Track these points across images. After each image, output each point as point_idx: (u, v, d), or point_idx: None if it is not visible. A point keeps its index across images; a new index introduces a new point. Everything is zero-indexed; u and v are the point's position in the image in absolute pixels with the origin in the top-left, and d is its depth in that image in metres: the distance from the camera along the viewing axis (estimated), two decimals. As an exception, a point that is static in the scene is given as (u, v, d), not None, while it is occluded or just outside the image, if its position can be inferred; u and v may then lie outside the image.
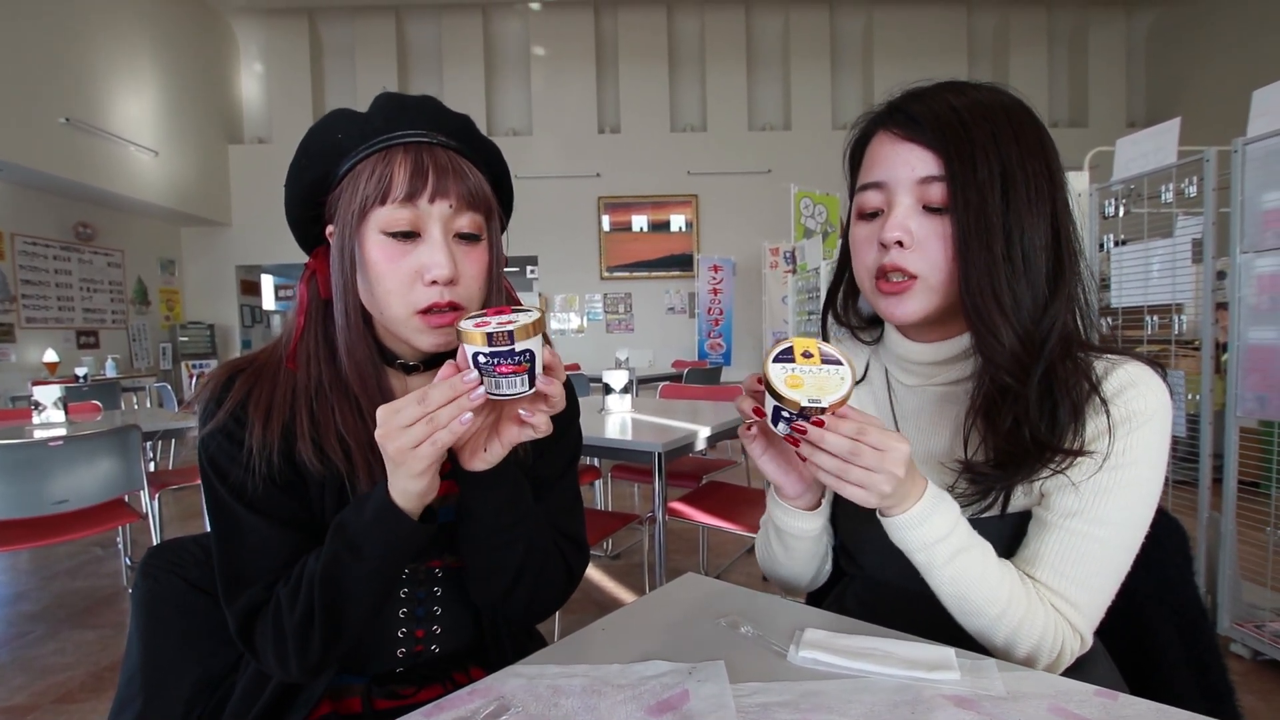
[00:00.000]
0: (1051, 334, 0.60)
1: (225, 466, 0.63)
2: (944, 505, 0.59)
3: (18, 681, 1.93)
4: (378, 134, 0.62)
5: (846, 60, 8.62)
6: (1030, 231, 0.59)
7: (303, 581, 0.60)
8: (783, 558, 0.74)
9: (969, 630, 0.61)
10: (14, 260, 5.84)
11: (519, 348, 0.53)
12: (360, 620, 0.61)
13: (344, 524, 0.60)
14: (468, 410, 0.54)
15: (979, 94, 0.63)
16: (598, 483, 2.97)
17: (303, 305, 0.67)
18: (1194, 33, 7.94)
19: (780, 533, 0.71)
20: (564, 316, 8.45)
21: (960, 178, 0.59)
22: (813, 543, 0.71)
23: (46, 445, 1.92)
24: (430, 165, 0.61)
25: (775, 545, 0.74)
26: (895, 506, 0.58)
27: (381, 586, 0.62)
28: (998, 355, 0.59)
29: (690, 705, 0.49)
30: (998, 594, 0.58)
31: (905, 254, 0.62)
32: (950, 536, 0.58)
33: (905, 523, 0.58)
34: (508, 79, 8.54)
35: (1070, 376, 0.60)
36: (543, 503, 0.72)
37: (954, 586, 0.59)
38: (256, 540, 0.62)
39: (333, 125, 0.64)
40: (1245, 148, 1.82)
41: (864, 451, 0.53)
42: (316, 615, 0.59)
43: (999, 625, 0.59)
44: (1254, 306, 1.83)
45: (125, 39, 6.45)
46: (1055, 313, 0.60)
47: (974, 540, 0.59)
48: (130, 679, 0.74)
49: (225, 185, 8.07)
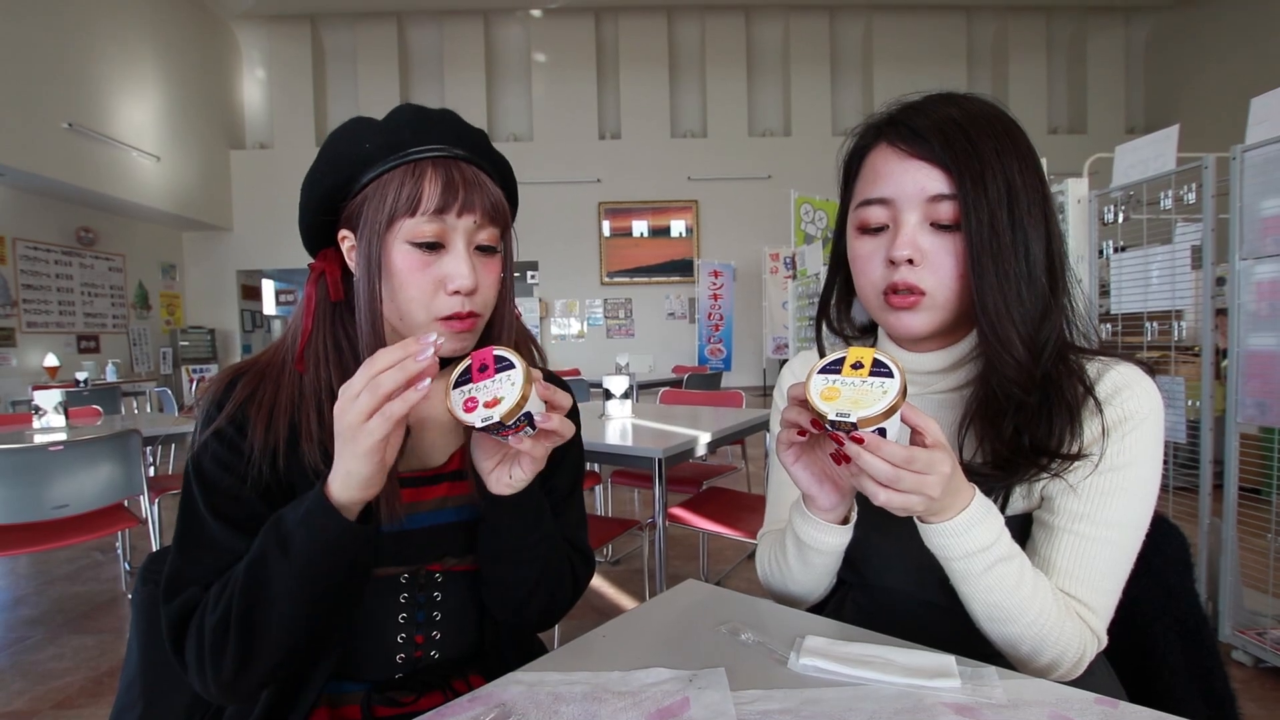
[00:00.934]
0: (1050, 342, 0.61)
1: (213, 475, 0.62)
2: (991, 514, 0.57)
3: (17, 686, 1.92)
4: (405, 146, 0.63)
5: (846, 66, 8.67)
6: (1033, 245, 0.60)
7: (230, 579, 0.58)
8: (799, 574, 0.71)
9: (993, 637, 0.60)
10: (15, 265, 5.85)
11: (510, 423, 0.55)
12: (283, 630, 0.56)
13: (281, 518, 0.58)
14: (414, 372, 0.53)
15: (972, 106, 0.63)
16: (598, 488, 2.96)
17: (310, 307, 0.67)
18: (1192, 40, 7.98)
19: (803, 547, 0.68)
20: (564, 322, 8.47)
21: (971, 196, 0.59)
22: (834, 558, 0.69)
23: (47, 450, 1.92)
24: (460, 181, 0.63)
25: (793, 560, 0.70)
26: (940, 513, 0.56)
27: (309, 592, 0.56)
28: (1008, 368, 0.60)
29: (691, 712, 0.49)
30: (1031, 603, 0.58)
31: (915, 271, 0.62)
32: (994, 546, 0.57)
33: (949, 530, 0.56)
34: (509, 85, 8.59)
35: (1064, 379, 0.61)
36: (556, 518, 0.74)
37: (989, 595, 0.58)
38: (209, 541, 0.61)
39: (357, 133, 0.65)
40: (1244, 155, 1.83)
41: (917, 456, 0.52)
42: (233, 616, 0.56)
43: (1028, 633, 0.58)
44: (1253, 313, 1.84)
45: (128, 44, 6.48)
46: (1054, 321, 0.61)
47: (1014, 549, 0.58)
48: (130, 685, 0.74)
49: (226, 190, 8.11)
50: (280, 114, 8.36)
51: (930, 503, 0.53)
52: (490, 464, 0.63)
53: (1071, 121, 8.80)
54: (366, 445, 0.53)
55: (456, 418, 0.55)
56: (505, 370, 0.56)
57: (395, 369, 0.53)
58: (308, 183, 0.67)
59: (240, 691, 0.59)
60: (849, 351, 0.55)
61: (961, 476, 0.56)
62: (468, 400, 0.55)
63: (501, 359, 0.57)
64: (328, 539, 0.56)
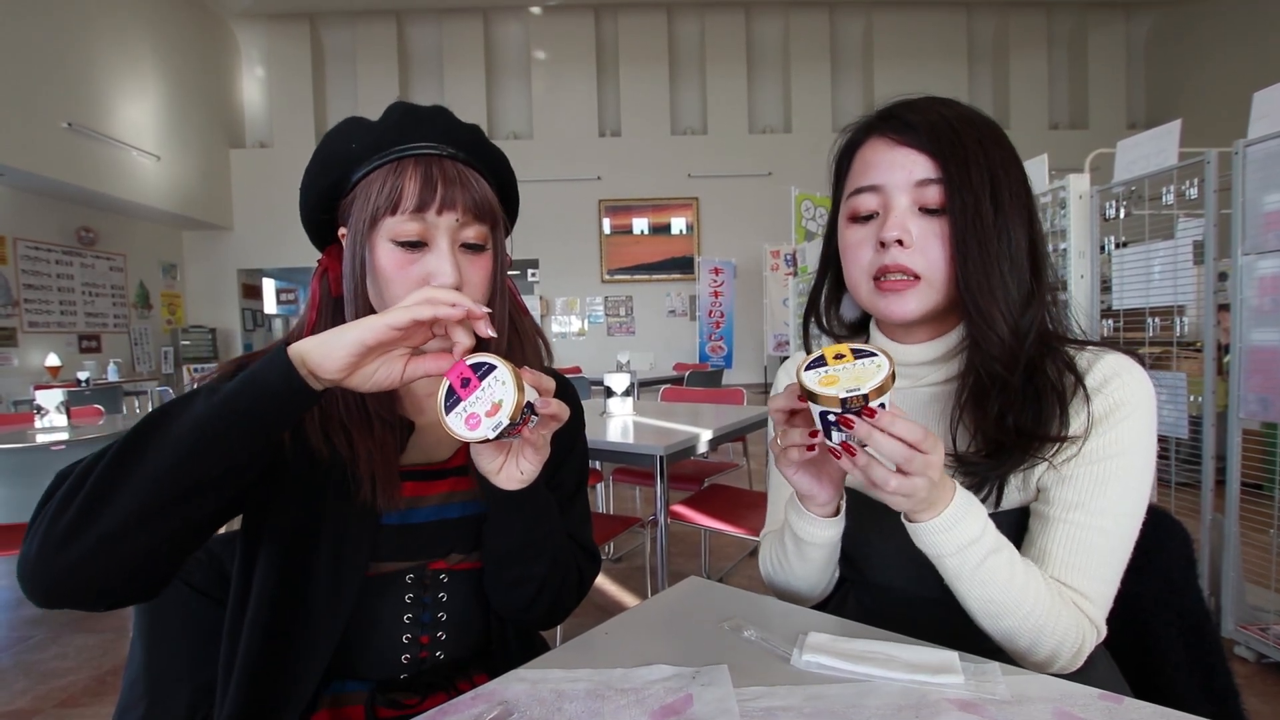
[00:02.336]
0: (1032, 329, 0.63)
1: None
2: (975, 507, 0.58)
3: (20, 685, 1.93)
4: (391, 144, 0.64)
5: (846, 63, 8.65)
6: (1015, 232, 0.63)
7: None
8: (799, 569, 0.73)
9: (992, 632, 0.61)
10: (16, 264, 5.85)
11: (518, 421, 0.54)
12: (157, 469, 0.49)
13: (224, 375, 0.59)
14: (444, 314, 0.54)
15: (962, 109, 0.66)
16: (600, 486, 2.97)
17: (315, 301, 0.69)
18: (1194, 34, 7.96)
19: (800, 543, 0.70)
20: (565, 319, 8.46)
21: (956, 180, 0.61)
22: (831, 550, 0.71)
23: (49, 449, 1.92)
24: (439, 178, 0.63)
25: (792, 557, 0.72)
26: (926, 510, 0.57)
27: (205, 438, 0.50)
28: (992, 345, 0.62)
29: (694, 709, 0.49)
30: (1025, 595, 0.58)
31: (906, 253, 0.63)
32: (983, 538, 0.57)
33: (938, 526, 0.57)
34: (508, 83, 8.57)
35: (1052, 368, 0.63)
36: (561, 516, 0.74)
37: (984, 590, 0.58)
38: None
39: (347, 134, 0.66)
40: (1246, 150, 1.83)
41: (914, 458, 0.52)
42: (110, 453, 0.51)
43: (1025, 625, 0.58)
44: (1256, 308, 1.83)
45: (127, 44, 6.48)
46: (1035, 310, 0.64)
47: (1002, 541, 0.59)
48: (133, 683, 0.74)
49: (227, 189, 8.10)
50: (280, 113, 8.35)
51: (930, 488, 0.54)
52: (495, 464, 0.63)
53: (1073, 117, 8.78)
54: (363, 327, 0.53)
55: (465, 439, 0.54)
56: (488, 374, 0.55)
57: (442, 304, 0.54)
58: (304, 183, 0.68)
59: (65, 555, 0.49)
60: (823, 350, 0.57)
61: (944, 475, 0.57)
62: (468, 418, 0.54)
63: (479, 365, 0.55)
64: (267, 375, 0.52)
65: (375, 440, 0.66)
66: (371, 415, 0.67)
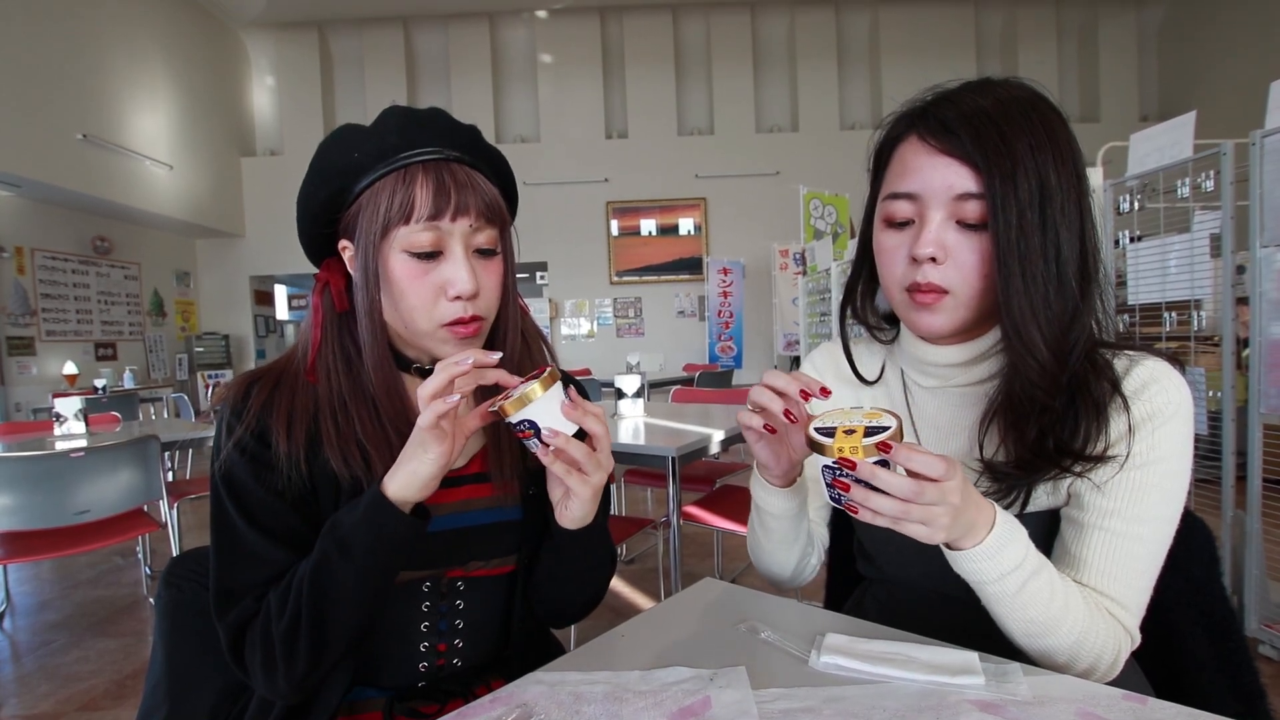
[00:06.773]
0: (1079, 343, 0.60)
1: (244, 486, 0.62)
2: (1017, 531, 0.55)
3: (43, 689, 1.95)
4: (395, 151, 0.62)
5: (853, 60, 8.60)
6: (1064, 246, 0.58)
7: (293, 586, 0.60)
8: (765, 542, 0.76)
9: (1030, 651, 0.59)
10: (34, 275, 5.94)
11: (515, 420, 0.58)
12: (350, 627, 0.60)
13: (337, 522, 0.60)
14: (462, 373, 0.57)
15: (1006, 91, 0.61)
16: (611, 487, 2.96)
17: (318, 318, 0.67)
18: (1207, 24, 7.84)
19: (761, 512, 0.73)
20: (574, 322, 8.47)
21: (1000, 196, 0.57)
22: (790, 523, 0.73)
23: (68, 456, 1.94)
24: (451, 184, 0.62)
25: (757, 529, 0.76)
26: (964, 538, 0.54)
27: (371, 588, 0.60)
28: (1033, 373, 0.58)
29: (713, 711, 0.49)
30: (1066, 614, 0.56)
31: (938, 269, 0.61)
32: (1024, 563, 0.55)
33: (980, 554, 0.54)
34: (515, 86, 8.60)
35: (1091, 377, 0.60)
36: None
37: (1024, 612, 0.56)
38: (250, 554, 0.62)
39: (346, 143, 0.65)
40: (1264, 140, 1.80)
41: (926, 489, 0.49)
42: (304, 620, 0.58)
43: (1064, 643, 0.57)
44: (1276, 301, 1.80)
45: (139, 55, 6.56)
46: (1082, 323, 0.60)
47: (1042, 562, 0.57)
48: (155, 687, 0.75)
49: (238, 197, 8.18)
50: (290, 120, 8.42)
51: (952, 513, 0.50)
52: (556, 496, 0.67)
53: (1084, 111, 8.68)
54: (432, 454, 0.58)
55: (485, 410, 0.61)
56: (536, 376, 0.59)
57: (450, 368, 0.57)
58: (301, 197, 0.67)
59: (309, 686, 0.62)
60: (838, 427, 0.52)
61: (977, 497, 0.54)
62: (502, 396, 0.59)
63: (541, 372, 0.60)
64: (388, 535, 0.59)
65: (392, 456, 0.65)
66: (388, 430, 0.66)
